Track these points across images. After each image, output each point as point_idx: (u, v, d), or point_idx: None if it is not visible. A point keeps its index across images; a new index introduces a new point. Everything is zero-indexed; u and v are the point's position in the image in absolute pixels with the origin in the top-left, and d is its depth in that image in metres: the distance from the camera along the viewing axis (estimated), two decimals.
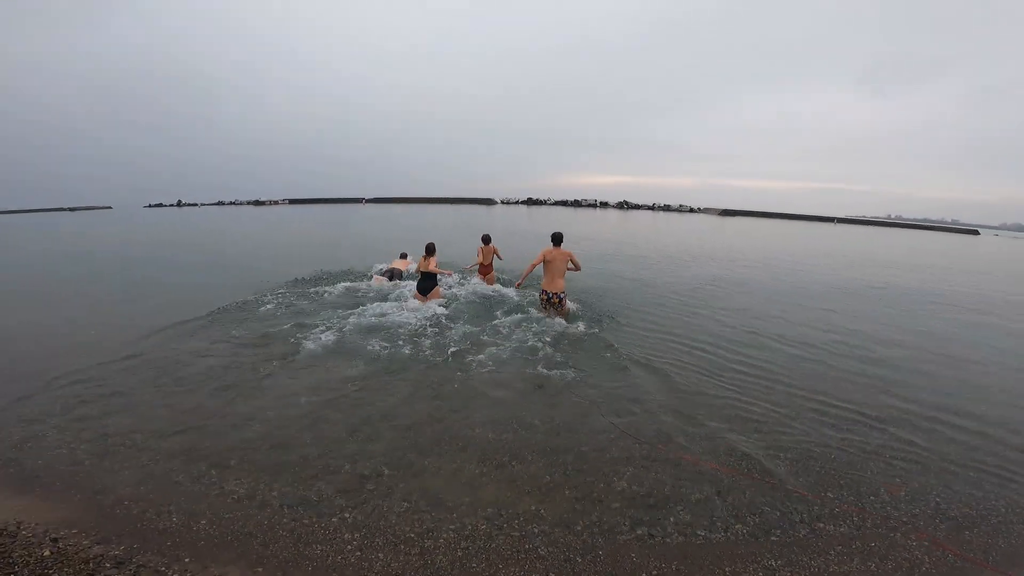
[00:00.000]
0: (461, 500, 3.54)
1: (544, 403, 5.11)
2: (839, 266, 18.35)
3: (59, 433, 4.36)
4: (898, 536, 3.37)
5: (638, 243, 23.36)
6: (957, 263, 23.89)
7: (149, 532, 3.17)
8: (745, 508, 3.55)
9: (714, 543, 3.22)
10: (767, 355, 6.84)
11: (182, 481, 3.70)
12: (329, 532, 3.20)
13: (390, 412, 4.84)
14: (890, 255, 25.28)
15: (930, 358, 7.23)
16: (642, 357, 6.50)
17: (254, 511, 3.39)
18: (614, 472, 3.92)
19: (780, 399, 5.37)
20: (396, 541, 3.13)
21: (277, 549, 3.05)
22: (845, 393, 5.62)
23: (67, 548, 2.98)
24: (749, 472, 3.99)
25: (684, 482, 3.82)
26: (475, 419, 4.72)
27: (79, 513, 3.35)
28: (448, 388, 5.41)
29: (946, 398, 5.67)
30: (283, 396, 5.13)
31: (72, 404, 4.90)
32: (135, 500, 3.48)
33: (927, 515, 3.60)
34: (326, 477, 3.78)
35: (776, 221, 63.07)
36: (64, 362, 6.01)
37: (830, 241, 33.90)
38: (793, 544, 3.24)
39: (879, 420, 5.00)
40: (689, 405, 5.15)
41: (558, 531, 3.26)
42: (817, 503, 3.65)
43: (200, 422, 4.59)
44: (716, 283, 12.68)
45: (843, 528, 3.42)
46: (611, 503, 3.55)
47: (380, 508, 3.44)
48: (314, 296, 9.40)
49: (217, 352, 6.38)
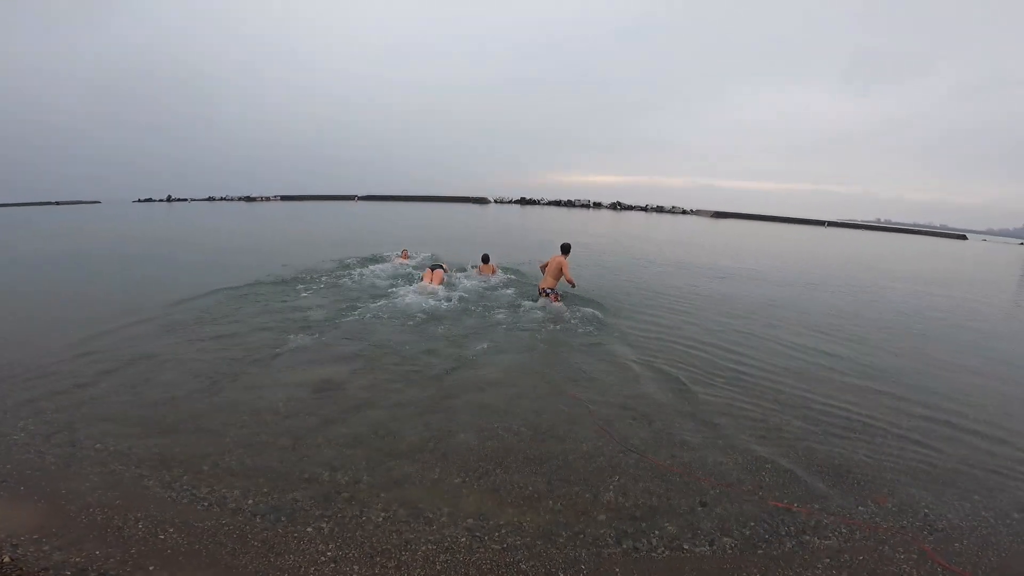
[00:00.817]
0: (442, 510, 3.43)
1: (531, 408, 5.02)
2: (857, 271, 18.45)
3: (27, 436, 4.20)
4: (886, 548, 3.31)
5: (637, 244, 23.37)
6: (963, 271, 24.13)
7: (114, 539, 3.04)
8: (732, 520, 3.47)
9: (700, 557, 3.14)
10: (761, 364, 6.74)
11: (151, 487, 3.57)
12: (303, 542, 3.09)
13: (371, 416, 4.73)
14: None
15: (923, 367, 7.21)
16: (636, 360, 6.44)
17: (225, 519, 3.27)
18: (600, 482, 3.83)
19: (770, 409, 5.28)
20: (372, 553, 3.02)
21: (247, 559, 2.94)
22: (834, 403, 5.55)
23: (27, 555, 2.86)
24: (737, 483, 3.92)
25: (672, 493, 3.74)
26: (459, 424, 4.62)
27: (43, 519, 3.21)
28: (433, 391, 5.30)
29: (934, 406, 5.63)
30: (261, 398, 5.01)
31: (41, 407, 4.74)
32: (102, 506, 3.35)
33: (916, 527, 3.55)
34: (302, 484, 3.66)
35: (769, 224, 63.35)
36: (29, 361, 5.84)
37: (842, 246, 34.09)
38: (780, 558, 3.17)
39: (867, 430, 4.95)
40: (680, 414, 5.06)
41: (540, 544, 3.16)
42: (803, 515, 3.57)
43: (174, 425, 4.46)
44: (716, 284, 12.66)
45: (830, 541, 3.35)
46: (596, 515, 3.46)
47: (357, 518, 3.32)
48: (300, 292, 9.27)
49: (193, 353, 6.23)
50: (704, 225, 45.40)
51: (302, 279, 10.75)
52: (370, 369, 5.82)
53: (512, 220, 37.71)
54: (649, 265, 16.07)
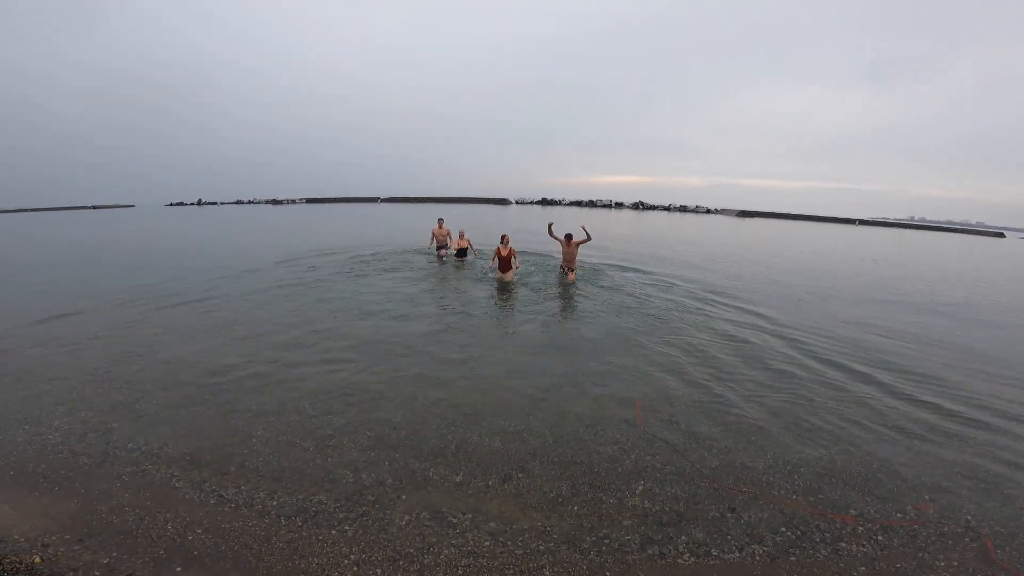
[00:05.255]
0: (464, 514, 3.41)
1: (555, 411, 4.96)
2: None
3: (61, 436, 4.33)
4: (926, 556, 3.18)
5: (676, 244, 23.05)
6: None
7: (143, 540, 3.10)
8: (762, 527, 3.37)
9: (728, 564, 3.05)
10: (794, 369, 6.52)
11: (180, 487, 3.63)
12: (327, 545, 3.10)
13: (395, 417, 4.74)
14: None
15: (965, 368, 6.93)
16: (664, 363, 6.34)
17: (252, 521, 3.30)
18: (626, 486, 3.76)
19: (803, 413, 5.12)
20: (395, 556, 3.01)
21: (272, 562, 2.96)
22: (869, 407, 5.37)
23: (57, 555, 2.92)
24: (767, 489, 3.81)
25: (699, 498, 3.65)
26: (483, 426, 4.60)
27: (74, 519, 3.29)
28: (457, 393, 5.29)
29: (979, 410, 5.40)
30: (288, 398, 5.07)
31: (76, 406, 4.88)
32: (132, 507, 3.42)
33: (956, 534, 3.39)
34: (326, 485, 3.68)
35: (797, 223, 61.83)
36: (68, 362, 6.02)
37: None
38: (813, 565, 3.06)
39: (905, 433, 4.77)
40: (708, 416, 4.96)
41: (564, 549, 3.12)
42: (839, 522, 3.45)
43: (203, 425, 4.54)
44: (761, 286, 12.35)
45: (867, 548, 3.22)
46: (622, 520, 3.39)
47: (380, 520, 3.33)
48: (329, 292, 9.38)
49: (221, 353, 6.34)
50: (733, 225, 44.54)
51: (329, 278, 10.89)
52: (394, 370, 5.85)
53: (535, 218, 37.53)
54: (693, 265, 15.73)
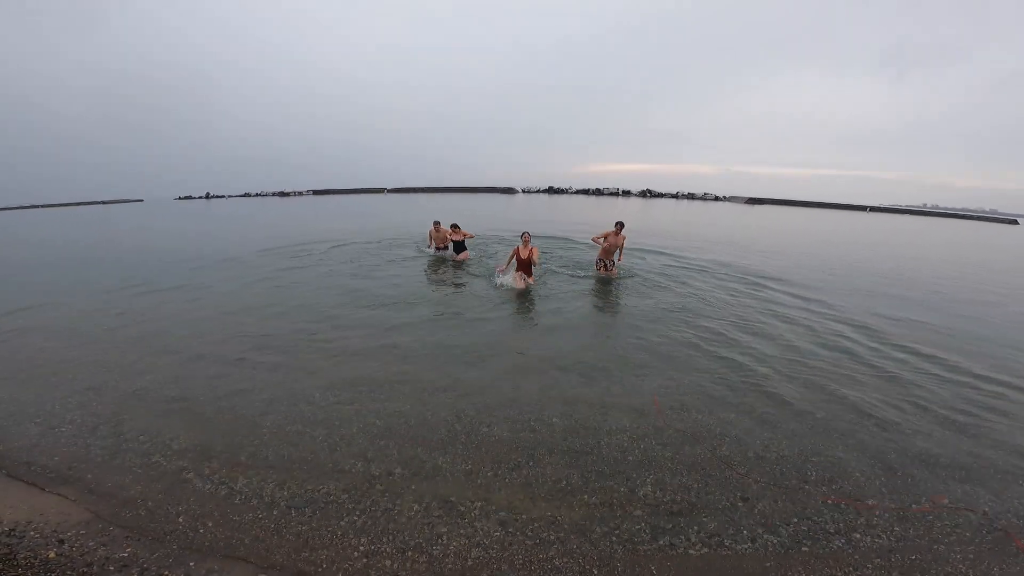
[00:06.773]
0: (474, 504, 3.40)
1: (564, 399, 4.93)
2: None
3: (74, 428, 4.36)
4: (941, 548, 3.13)
5: (690, 233, 22.83)
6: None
7: (156, 534, 3.12)
8: (775, 517, 3.33)
9: (740, 554, 3.02)
10: (812, 357, 6.39)
11: (191, 479, 3.65)
12: (336, 536, 3.10)
13: (404, 406, 4.73)
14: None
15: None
16: (675, 352, 6.27)
17: (262, 512, 3.31)
18: (636, 476, 3.73)
19: (819, 401, 5.04)
20: (404, 548, 3.01)
21: (283, 554, 2.96)
22: (883, 396, 5.29)
23: (72, 550, 2.94)
24: (780, 478, 3.76)
25: (711, 488, 3.62)
26: (492, 415, 4.58)
27: (88, 513, 3.31)
28: (467, 381, 5.28)
29: (1000, 400, 5.30)
30: (298, 389, 5.07)
31: (88, 399, 4.91)
32: (144, 499, 3.44)
33: (974, 526, 3.34)
34: (336, 475, 3.69)
35: (806, 210, 61.02)
36: (78, 357, 6.06)
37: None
38: (827, 556, 3.03)
39: (920, 422, 4.70)
40: (720, 405, 4.91)
41: (574, 539, 3.10)
42: (853, 512, 3.41)
43: (214, 415, 4.57)
44: (779, 277, 12.00)
45: (882, 540, 3.18)
46: (632, 510, 3.37)
47: (390, 511, 3.32)
48: (341, 280, 9.38)
49: (230, 345, 6.36)
50: (741, 211, 43.96)
51: (338, 269, 10.89)
52: (403, 358, 5.84)
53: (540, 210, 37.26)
54: (711, 249, 15.53)
